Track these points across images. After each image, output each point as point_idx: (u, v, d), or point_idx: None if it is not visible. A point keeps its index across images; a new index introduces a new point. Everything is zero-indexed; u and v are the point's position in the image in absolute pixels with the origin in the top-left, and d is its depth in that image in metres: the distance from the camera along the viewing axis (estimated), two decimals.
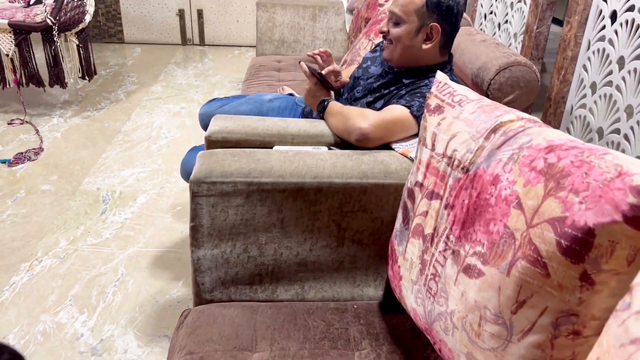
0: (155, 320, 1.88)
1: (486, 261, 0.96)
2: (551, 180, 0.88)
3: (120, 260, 2.18)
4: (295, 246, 1.36)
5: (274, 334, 1.24)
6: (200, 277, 1.35)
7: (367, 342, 1.23)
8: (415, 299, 1.17)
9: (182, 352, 1.19)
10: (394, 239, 1.29)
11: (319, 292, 1.40)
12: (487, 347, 0.95)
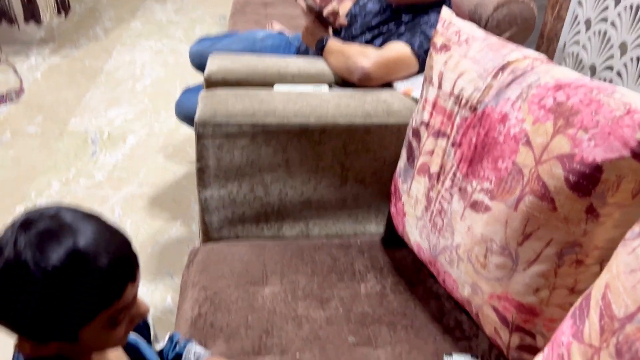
0: (157, 259, 1.92)
1: (493, 197, 1.00)
2: (560, 118, 0.91)
3: (116, 201, 2.18)
4: (299, 186, 1.38)
5: (283, 269, 1.28)
6: (208, 216, 1.37)
7: (372, 274, 1.29)
8: (420, 234, 1.22)
9: (195, 287, 1.23)
10: (397, 177, 1.32)
11: (323, 229, 1.44)
12: (492, 277, 1.01)
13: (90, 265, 0.61)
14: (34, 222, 0.62)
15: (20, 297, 0.59)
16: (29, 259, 0.59)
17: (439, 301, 1.21)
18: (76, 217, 0.64)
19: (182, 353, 0.95)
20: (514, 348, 1.02)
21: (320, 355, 1.08)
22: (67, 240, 0.60)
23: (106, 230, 0.65)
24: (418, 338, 1.13)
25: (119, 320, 0.67)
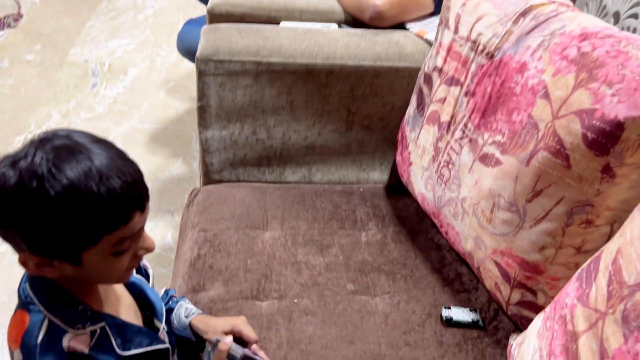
0: (157, 196, 1.91)
1: (505, 150, 0.96)
2: (583, 70, 0.86)
3: (117, 135, 2.15)
4: (303, 130, 1.34)
5: (284, 214, 1.26)
6: (209, 157, 1.34)
7: (374, 223, 1.27)
8: (425, 185, 1.19)
9: (195, 228, 1.22)
10: (405, 125, 1.27)
11: (325, 175, 1.41)
12: (498, 233, 0.99)
13: (103, 185, 0.61)
14: (49, 139, 0.62)
15: (30, 209, 0.60)
16: (45, 172, 0.59)
17: (440, 252, 1.20)
18: (89, 139, 0.64)
19: (174, 308, 0.95)
20: (514, 304, 1.01)
21: (318, 301, 1.07)
22: (83, 158, 0.61)
23: (119, 155, 0.65)
24: (417, 288, 1.12)
25: (123, 248, 0.67)
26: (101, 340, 0.72)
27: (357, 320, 1.04)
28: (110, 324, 0.74)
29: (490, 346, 1.02)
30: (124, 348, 0.75)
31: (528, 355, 0.85)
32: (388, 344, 1.01)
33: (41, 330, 0.68)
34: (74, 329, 0.69)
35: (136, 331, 0.78)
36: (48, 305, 0.69)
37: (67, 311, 0.70)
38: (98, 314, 0.73)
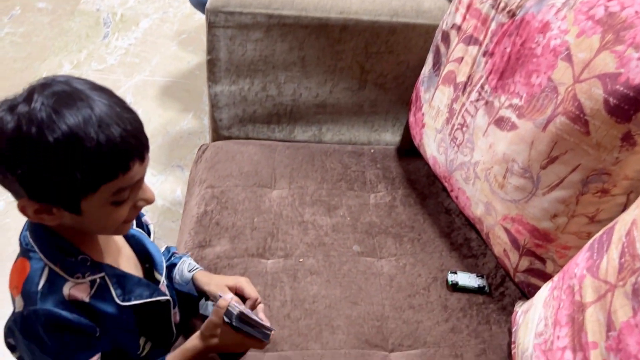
0: (167, 150, 1.90)
1: (522, 114, 0.92)
2: (610, 31, 0.81)
3: (128, 88, 2.13)
4: (315, 87, 1.31)
5: (292, 173, 1.25)
6: (218, 113, 1.32)
7: (383, 185, 1.25)
8: (438, 148, 1.16)
9: (202, 185, 1.21)
10: (420, 85, 1.24)
11: (336, 135, 1.39)
12: (509, 199, 0.97)
13: (102, 133, 0.60)
14: (48, 85, 0.61)
15: (28, 155, 0.59)
16: (44, 118, 0.58)
17: (449, 217, 1.18)
18: (88, 86, 0.63)
19: (176, 263, 0.95)
20: (522, 271, 1.00)
21: (324, 261, 1.07)
22: (82, 105, 0.60)
23: (119, 104, 0.64)
24: (424, 252, 1.11)
25: (122, 198, 0.66)
26: (101, 290, 0.73)
27: (361, 282, 1.04)
28: (110, 275, 0.74)
29: (495, 312, 1.01)
30: (124, 299, 0.75)
31: (533, 323, 0.84)
32: (392, 306, 1.01)
33: (42, 278, 0.68)
34: (73, 278, 0.70)
35: (136, 282, 0.78)
36: (48, 253, 0.69)
37: (67, 260, 0.70)
38: (98, 264, 0.73)
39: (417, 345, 0.96)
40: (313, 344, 0.94)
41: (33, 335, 0.68)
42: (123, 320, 0.76)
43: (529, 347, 0.82)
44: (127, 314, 0.77)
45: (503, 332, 0.98)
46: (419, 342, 0.96)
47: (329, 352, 0.93)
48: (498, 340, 0.97)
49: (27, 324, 0.68)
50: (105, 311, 0.73)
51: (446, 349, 0.95)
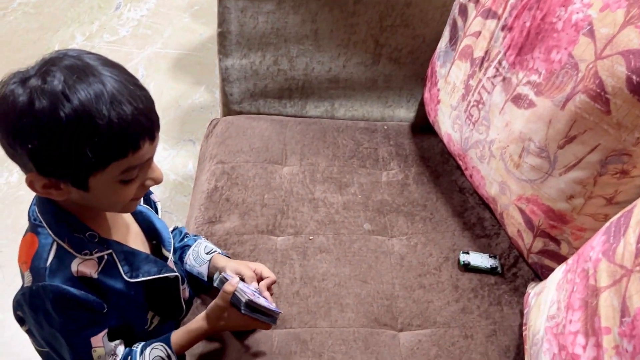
0: (179, 124, 1.89)
1: (540, 92, 0.89)
2: (635, 5, 0.77)
3: (140, 60, 2.11)
4: (328, 61, 1.28)
5: (304, 149, 1.23)
6: (229, 87, 1.30)
7: (396, 162, 1.23)
8: (452, 125, 1.13)
9: (213, 160, 1.20)
10: (435, 60, 1.20)
11: (348, 111, 1.36)
12: (525, 179, 0.94)
13: (113, 110, 0.59)
14: (60, 59, 0.60)
15: (39, 129, 0.58)
16: (56, 93, 0.58)
17: (462, 196, 1.16)
18: (100, 62, 0.62)
19: (191, 245, 0.95)
20: (535, 252, 0.98)
21: (334, 239, 1.06)
22: (94, 80, 0.59)
23: (131, 81, 0.63)
24: (436, 231, 1.09)
25: (131, 177, 0.65)
26: (109, 267, 0.73)
27: (372, 260, 1.03)
28: (118, 251, 0.74)
29: (507, 293, 1.00)
30: (132, 275, 0.75)
31: (545, 306, 0.83)
32: (402, 285, 1.00)
33: (50, 254, 0.68)
34: (81, 255, 0.69)
35: (144, 259, 0.78)
36: (56, 229, 0.69)
37: (75, 236, 0.69)
38: (105, 241, 0.73)
39: (427, 325, 0.95)
40: (322, 322, 0.94)
41: (41, 310, 0.68)
42: (131, 296, 0.76)
43: (540, 329, 0.81)
44: (135, 290, 0.77)
45: (514, 314, 0.97)
46: (429, 321, 0.96)
47: (338, 330, 0.93)
48: (509, 322, 0.96)
49: (35, 299, 0.68)
50: (114, 287, 0.73)
51: (456, 329, 0.94)
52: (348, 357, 0.89)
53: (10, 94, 0.59)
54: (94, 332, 0.72)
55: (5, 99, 0.59)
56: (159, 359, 0.77)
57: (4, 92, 0.60)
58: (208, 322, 0.81)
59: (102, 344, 0.73)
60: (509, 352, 0.92)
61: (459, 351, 0.92)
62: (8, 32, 2.18)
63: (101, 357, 0.73)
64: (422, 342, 0.93)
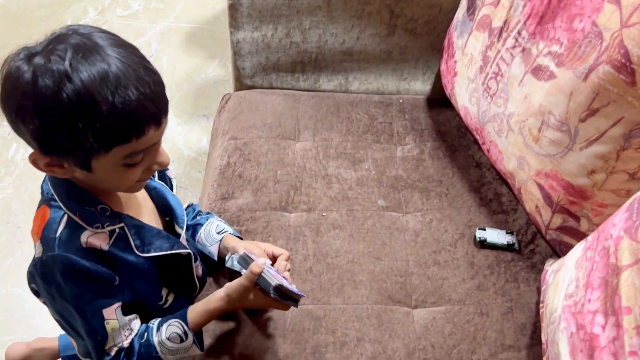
0: (192, 99, 1.88)
1: (561, 63, 0.86)
2: None
3: (152, 35, 2.09)
4: (341, 33, 1.25)
5: (317, 124, 1.21)
6: (240, 61, 1.28)
7: (411, 137, 1.21)
8: (470, 98, 1.10)
9: (225, 136, 1.19)
10: (452, 31, 1.16)
11: (363, 84, 1.33)
12: (544, 153, 0.91)
13: (118, 95, 0.57)
14: (68, 36, 0.59)
15: (41, 108, 0.57)
16: (59, 73, 0.56)
17: (479, 171, 1.13)
18: (110, 42, 0.60)
19: (203, 223, 0.94)
20: (554, 228, 0.96)
21: (347, 215, 1.05)
22: (100, 61, 0.57)
23: (140, 63, 0.61)
24: (452, 207, 1.07)
25: (135, 161, 0.64)
26: (120, 240, 0.72)
27: (386, 237, 1.02)
28: (130, 225, 0.73)
29: (524, 270, 0.98)
30: (143, 250, 0.74)
31: (563, 284, 0.81)
32: (416, 262, 0.99)
33: (60, 225, 0.68)
34: (92, 228, 0.69)
35: (156, 234, 0.77)
36: (67, 203, 0.69)
37: (86, 209, 0.69)
38: (117, 214, 0.72)
39: (442, 302, 0.94)
40: (335, 299, 0.93)
41: (52, 280, 0.68)
42: (144, 269, 0.76)
43: (557, 308, 0.79)
44: (148, 264, 0.76)
45: (531, 291, 0.96)
46: (444, 299, 0.94)
47: (351, 306, 0.92)
48: (526, 299, 0.94)
49: (46, 269, 0.68)
50: (126, 259, 0.73)
51: (471, 307, 0.93)
52: (361, 333, 0.89)
53: (16, 71, 0.58)
54: (106, 303, 0.72)
55: (10, 76, 0.58)
56: (175, 335, 0.77)
57: (9, 67, 0.59)
58: (228, 302, 0.80)
59: (115, 317, 0.73)
60: (525, 330, 0.91)
61: (474, 328, 0.90)
62: (21, 8, 2.17)
63: (115, 330, 0.73)
64: (437, 319, 0.92)
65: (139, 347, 0.76)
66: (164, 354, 0.77)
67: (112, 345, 0.74)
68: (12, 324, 1.34)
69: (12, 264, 1.44)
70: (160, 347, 0.76)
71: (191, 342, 0.78)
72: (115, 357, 0.74)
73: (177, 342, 0.77)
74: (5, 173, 1.65)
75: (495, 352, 0.88)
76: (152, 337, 0.76)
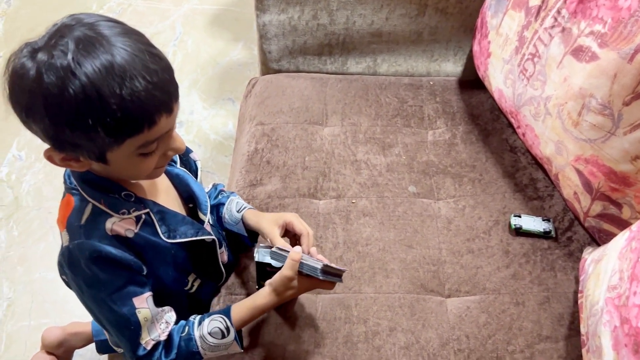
0: (217, 82, 1.86)
1: (605, 43, 0.81)
2: None
3: (177, 17, 2.07)
4: (370, 14, 1.21)
5: (345, 108, 1.18)
6: (267, 44, 1.25)
7: (443, 121, 1.17)
8: (505, 80, 1.06)
9: (252, 122, 1.17)
10: (486, 10, 1.12)
11: (392, 66, 1.30)
12: (584, 138, 0.88)
13: (125, 87, 0.56)
14: (72, 27, 0.57)
15: (48, 106, 0.56)
16: (63, 68, 0.54)
17: (514, 155, 1.10)
18: (116, 31, 0.58)
19: (224, 203, 0.93)
20: (593, 216, 0.92)
21: (377, 202, 1.03)
22: (104, 53, 0.55)
23: (146, 51, 0.58)
24: (485, 193, 1.04)
25: (150, 150, 0.63)
26: (146, 226, 0.72)
27: (417, 224, 1.00)
28: (155, 211, 0.73)
29: (561, 258, 0.95)
30: (169, 236, 0.74)
31: (605, 275, 0.78)
32: (449, 250, 0.97)
33: (85, 213, 0.68)
34: (119, 214, 0.69)
35: (180, 220, 0.76)
36: (90, 192, 0.68)
37: (110, 196, 0.69)
38: (142, 200, 0.72)
39: (476, 292, 0.92)
40: (366, 287, 0.92)
41: (79, 268, 0.68)
42: (171, 255, 0.75)
43: (599, 300, 0.76)
44: (175, 249, 0.76)
45: (569, 280, 0.93)
46: (478, 288, 0.92)
47: (383, 295, 0.91)
48: (563, 288, 0.92)
49: (72, 258, 0.68)
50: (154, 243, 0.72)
51: (506, 296, 0.91)
52: (394, 323, 0.88)
53: (21, 68, 0.56)
54: (136, 291, 0.71)
55: (16, 74, 0.57)
56: (217, 330, 0.76)
57: (14, 65, 0.57)
58: (277, 295, 0.78)
59: (146, 305, 0.72)
60: (562, 320, 0.88)
61: (510, 318, 0.88)
62: None
63: (148, 319, 0.72)
64: (471, 308, 0.90)
65: (179, 341, 0.75)
66: (204, 349, 0.75)
67: (148, 339, 0.73)
68: (47, 308, 1.36)
69: (45, 249, 1.47)
70: (201, 341, 0.75)
71: (232, 339, 0.76)
72: (151, 351, 0.73)
73: (218, 338, 0.76)
74: (36, 159, 1.66)
75: (531, 342, 0.86)
76: (193, 331, 0.76)
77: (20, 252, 1.46)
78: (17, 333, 1.32)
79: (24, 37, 0.59)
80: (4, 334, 1.32)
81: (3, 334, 1.32)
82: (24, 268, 1.43)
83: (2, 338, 1.32)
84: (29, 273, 1.42)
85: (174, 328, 0.76)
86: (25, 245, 1.48)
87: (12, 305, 1.37)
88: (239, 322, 0.77)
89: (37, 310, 1.36)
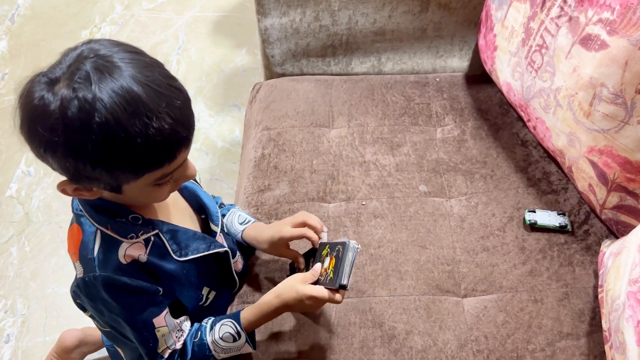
0: (223, 89, 1.86)
1: (614, 30, 0.79)
2: None
3: (179, 26, 2.07)
4: (372, 12, 1.20)
5: (351, 109, 1.17)
6: (270, 49, 1.24)
7: (451, 117, 1.16)
8: (512, 73, 1.04)
9: (258, 127, 1.16)
10: (490, 3, 1.10)
11: (397, 65, 1.28)
12: (597, 129, 0.85)
13: (151, 124, 0.54)
14: (87, 59, 0.55)
15: (69, 140, 0.54)
16: (90, 101, 0.52)
17: (525, 149, 1.08)
18: (136, 64, 0.56)
19: (225, 214, 0.92)
20: (610, 207, 0.90)
21: (388, 203, 1.01)
22: (127, 89, 0.54)
23: (168, 86, 0.57)
24: (498, 189, 1.02)
25: (165, 180, 0.63)
26: (157, 247, 0.71)
27: (429, 224, 0.98)
28: (164, 231, 0.72)
29: (578, 253, 0.93)
30: (181, 254, 0.73)
31: (626, 268, 0.76)
32: (463, 249, 0.95)
33: (95, 243, 0.67)
34: (127, 239, 0.68)
35: (191, 236, 0.76)
36: (96, 217, 0.67)
37: (117, 221, 0.68)
38: (150, 222, 0.71)
39: (492, 290, 0.90)
40: (380, 291, 0.90)
41: (98, 298, 0.68)
42: (184, 275, 0.75)
43: (621, 294, 0.74)
44: (187, 268, 0.75)
45: (588, 275, 0.91)
46: (494, 286, 0.90)
47: (398, 298, 0.89)
48: (582, 284, 0.89)
49: (89, 288, 0.67)
50: (165, 269, 0.71)
51: (524, 294, 0.89)
52: (410, 326, 0.86)
53: (40, 101, 0.54)
54: (154, 313, 0.71)
55: (34, 107, 0.54)
56: (228, 334, 0.76)
57: (31, 97, 0.55)
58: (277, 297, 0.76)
59: (164, 324, 0.73)
60: (583, 316, 0.86)
61: (529, 317, 0.86)
62: (50, 8, 2.18)
63: (165, 335, 0.73)
64: (488, 308, 0.88)
65: (192, 346, 0.76)
66: (217, 352, 0.76)
67: (165, 348, 0.74)
68: (61, 323, 1.36)
69: (57, 264, 1.47)
70: (213, 346, 0.76)
71: (244, 342, 0.77)
72: (168, 359, 0.74)
73: (229, 342, 0.76)
74: (44, 174, 1.67)
75: (552, 340, 0.84)
76: (205, 336, 0.76)
77: (32, 267, 1.46)
78: (32, 349, 1.32)
79: (29, 53, 0.58)
80: (19, 350, 1.32)
81: (19, 351, 1.32)
82: (37, 284, 1.43)
83: (18, 355, 1.32)
84: (42, 288, 1.42)
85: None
86: (37, 261, 1.48)
87: (27, 321, 1.37)
88: (248, 324, 0.77)
89: (52, 325, 1.36)
